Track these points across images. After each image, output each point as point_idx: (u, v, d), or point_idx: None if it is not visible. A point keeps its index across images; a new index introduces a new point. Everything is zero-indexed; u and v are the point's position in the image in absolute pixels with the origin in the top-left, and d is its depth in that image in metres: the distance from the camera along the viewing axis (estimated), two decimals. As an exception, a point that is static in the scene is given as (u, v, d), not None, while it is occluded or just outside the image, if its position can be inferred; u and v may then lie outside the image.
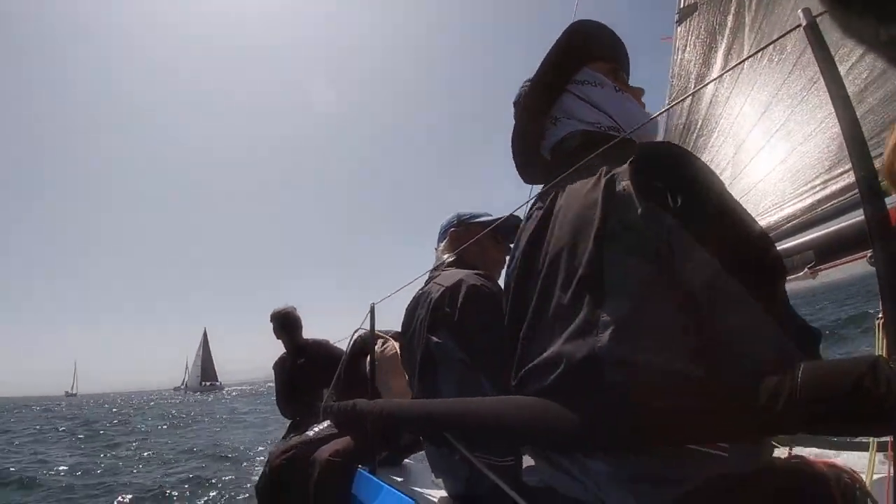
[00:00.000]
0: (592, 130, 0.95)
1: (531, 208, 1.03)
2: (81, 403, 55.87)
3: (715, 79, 2.12)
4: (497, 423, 0.86)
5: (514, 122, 1.10)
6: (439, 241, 1.83)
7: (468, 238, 1.62)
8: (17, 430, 16.12)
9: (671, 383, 0.65)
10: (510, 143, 1.11)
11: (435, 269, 1.71)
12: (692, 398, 0.61)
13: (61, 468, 8.08)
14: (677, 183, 0.72)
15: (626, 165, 0.77)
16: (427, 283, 1.66)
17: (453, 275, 1.50)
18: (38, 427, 17.36)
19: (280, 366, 3.76)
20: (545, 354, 0.80)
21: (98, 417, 22.32)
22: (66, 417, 25.03)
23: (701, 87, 2.21)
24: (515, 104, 1.10)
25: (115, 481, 6.99)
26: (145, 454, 9.63)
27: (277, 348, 3.80)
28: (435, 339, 1.41)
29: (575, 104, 0.99)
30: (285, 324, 3.73)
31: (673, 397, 0.62)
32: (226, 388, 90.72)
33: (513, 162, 1.15)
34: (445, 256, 1.71)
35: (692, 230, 0.68)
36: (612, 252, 0.74)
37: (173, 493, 6.15)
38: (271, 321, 3.76)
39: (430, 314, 1.45)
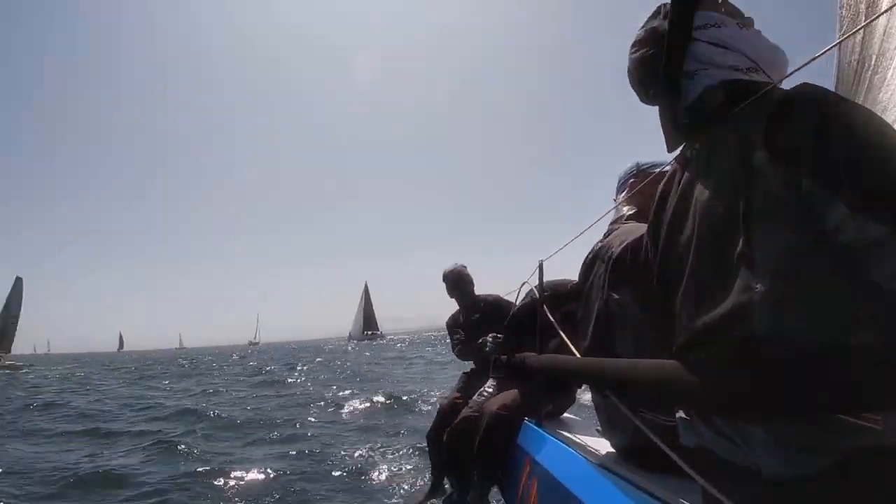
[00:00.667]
0: (732, 79, 0.87)
1: (679, 169, 0.98)
2: (267, 351, 60.51)
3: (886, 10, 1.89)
4: (662, 389, 0.91)
5: (638, 89, 1.04)
6: (618, 192, 1.74)
7: (649, 189, 1.44)
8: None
9: (830, 356, 0.66)
10: (658, 115, 1.01)
11: (615, 221, 1.64)
12: (853, 368, 0.63)
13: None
14: (809, 133, 0.68)
15: (762, 124, 0.74)
16: (606, 235, 1.59)
17: (635, 229, 1.42)
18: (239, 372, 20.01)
19: (453, 322, 3.90)
20: (699, 328, 0.82)
21: (287, 364, 24.46)
22: (263, 361, 28.81)
23: (873, 20, 2.00)
24: (635, 70, 1.02)
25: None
26: (340, 392, 10.76)
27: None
28: (615, 295, 1.39)
29: (708, 50, 0.88)
30: (458, 283, 3.86)
31: (832, 369, 0.65)
32: (387, 337, 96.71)
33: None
34: (625, 209, 1.63)
35: (831, 184, 0.65)
36: (761, 226, 0.72)
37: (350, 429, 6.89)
38: (444, 281, 3.90)
39: (610, 270, 1.41)
